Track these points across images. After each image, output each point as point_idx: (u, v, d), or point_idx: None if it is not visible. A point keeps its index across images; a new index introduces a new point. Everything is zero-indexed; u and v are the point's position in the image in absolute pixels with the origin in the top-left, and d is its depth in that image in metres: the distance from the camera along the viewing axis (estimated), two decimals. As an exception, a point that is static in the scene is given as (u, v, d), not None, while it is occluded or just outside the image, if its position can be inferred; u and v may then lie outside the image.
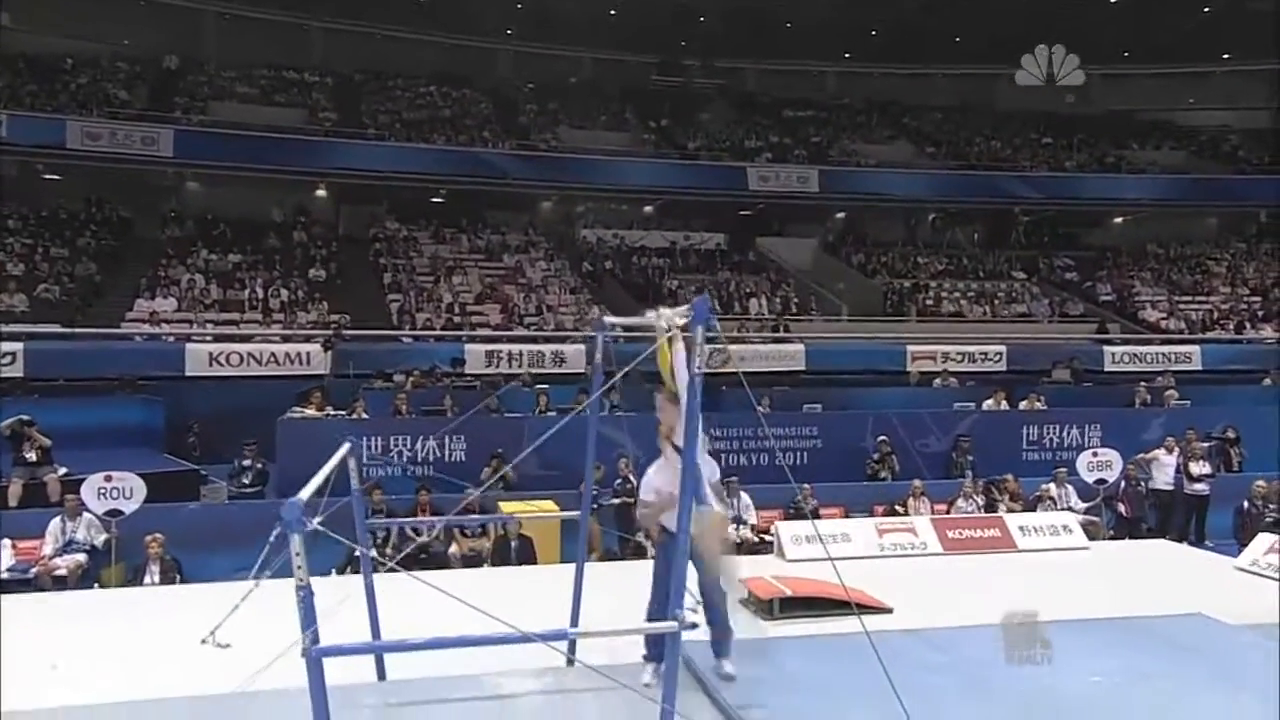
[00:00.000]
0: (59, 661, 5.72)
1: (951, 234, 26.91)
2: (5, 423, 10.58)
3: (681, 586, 3.45)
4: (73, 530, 9.23)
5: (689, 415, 3.49)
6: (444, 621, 5.74)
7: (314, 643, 3.18)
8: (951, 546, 8.45)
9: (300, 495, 3.35)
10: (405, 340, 16.11)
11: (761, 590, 6.72)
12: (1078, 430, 13.08)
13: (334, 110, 24.13)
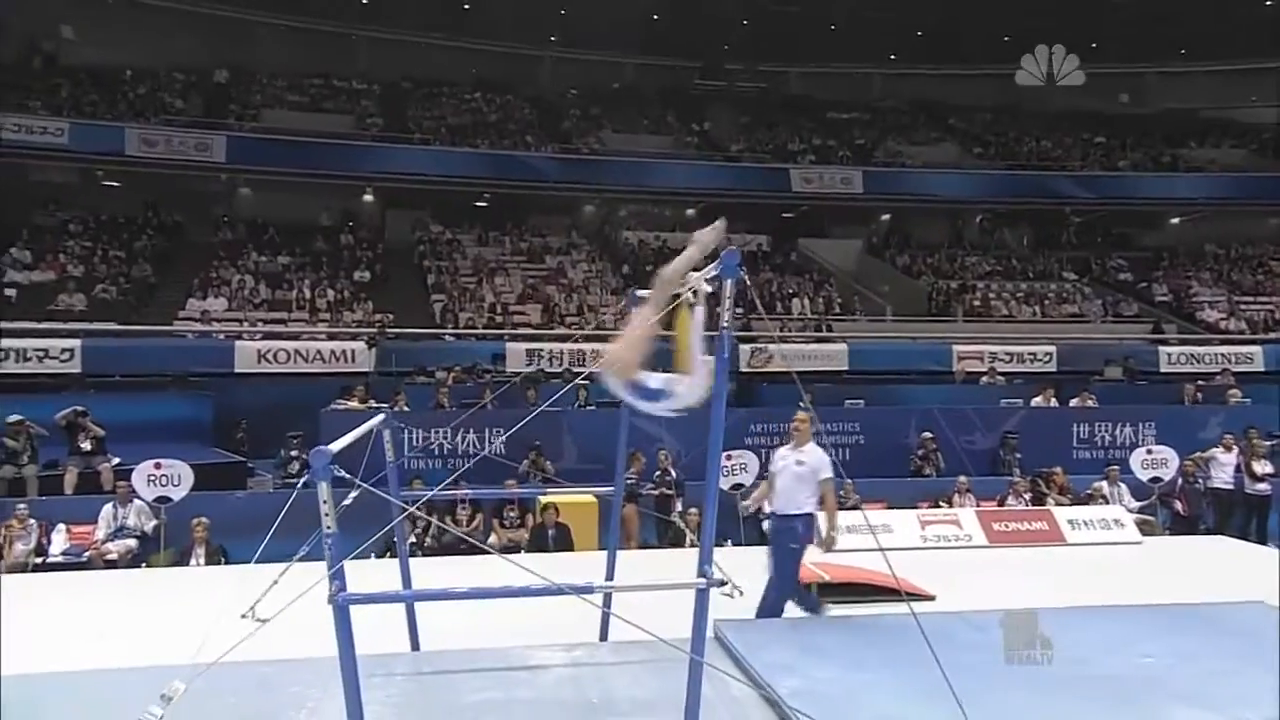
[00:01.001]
0: (106, 630, 5.86)
1: (999, 235, 26.42)
2: (61, 414, 10.91)
3: (710, 543, 3.40)
4: (124, 516, 9.49)
5: (716, 373, 3.42)
6: (480, 612, 5.76)
7: (340, 590, 3.20)
8: (997, 539, 8.26)
9: (330, 447, 3.38)
10: (447, 338, 16.28)
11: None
12: (1130, 428, 12.71)
13: (381, 116, 24.56)
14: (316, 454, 3.24)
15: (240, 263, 18.96)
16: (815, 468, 5.90)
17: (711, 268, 3.45)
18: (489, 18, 25.72)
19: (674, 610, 3.61)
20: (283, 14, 25.62)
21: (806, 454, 5.97)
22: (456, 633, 5.28)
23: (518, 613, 5.61)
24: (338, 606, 3.19)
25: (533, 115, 26.28)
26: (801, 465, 5.92)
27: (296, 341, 15.10)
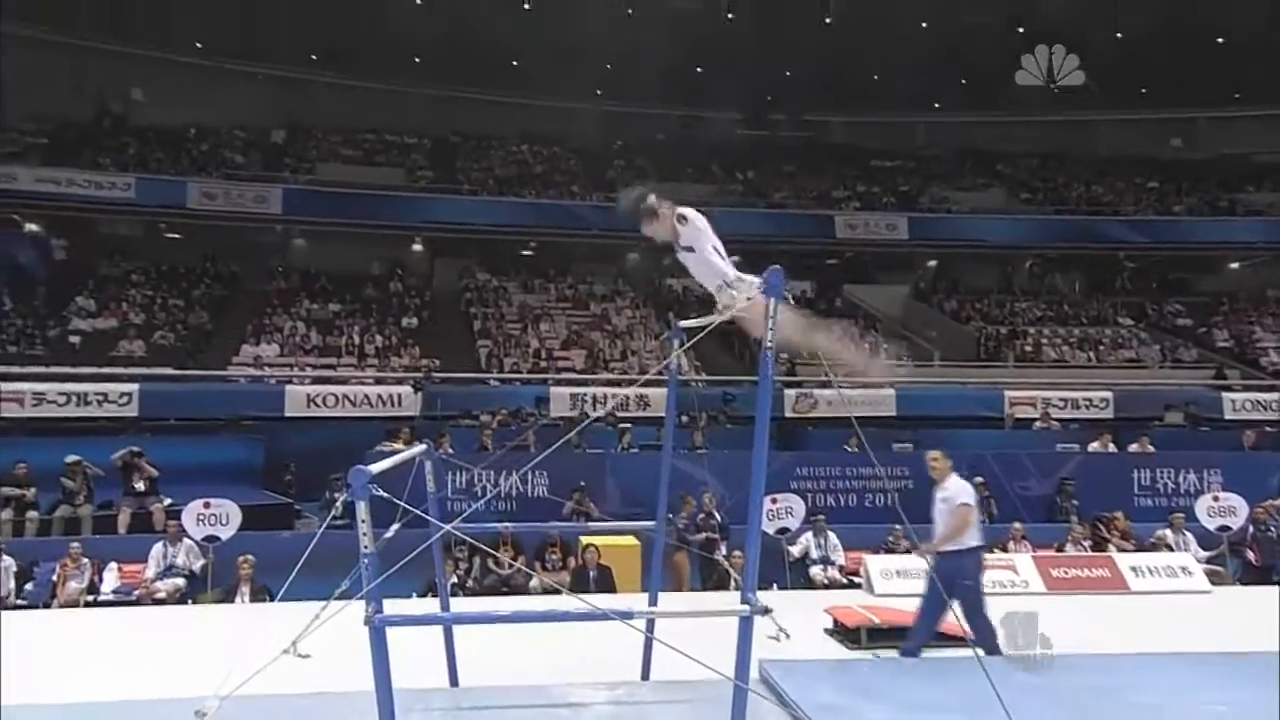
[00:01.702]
0: (143, 663, 5.88)
1: (1051, 280, 25.97)
2: (117, 454, 11.16)
3: (754, 570, 3.29)
4: (173, 555, 9.59)
5: (761, 389, 3.35)
6: (520, 649, 5.67)
7: (377, 611, 3.16)
8: (1056, 586, 7.93)
9: (370, 468, 3.37)
10: (492, 383, 16.40)
11: (848, 619, 6.42)
12: (1194, 475, 12.21)
13: (430, 169, 25.20)
14: (356, 473, 3.22)
15: (293, 310, 19.43)
16: (953, 498, 5.95)
17: (756, 285, 3.40)
18: (536, 73, 26.33)
19: (717, 649, 3.50)
20: (338, 74, 26.60)
21: (949, 488, 6.03)
22: (495, 669, 5.20)
23: (558, 649, 5.50)
24: (374, 629, 3.14)
25: (578, 166, 26.73)
26: (945, 502, 5.98)
27: (345, 386, 15.35)
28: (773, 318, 3.23)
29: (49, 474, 10.93)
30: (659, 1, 22.10)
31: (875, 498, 11.71)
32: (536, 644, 5.67)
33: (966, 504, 5.87)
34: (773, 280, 3.25)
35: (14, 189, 20.25)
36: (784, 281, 3.25)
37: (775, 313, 3.24)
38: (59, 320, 17.81)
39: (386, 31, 23.25)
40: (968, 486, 6.04)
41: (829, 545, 10.43)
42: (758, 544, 3.32)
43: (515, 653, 5.65)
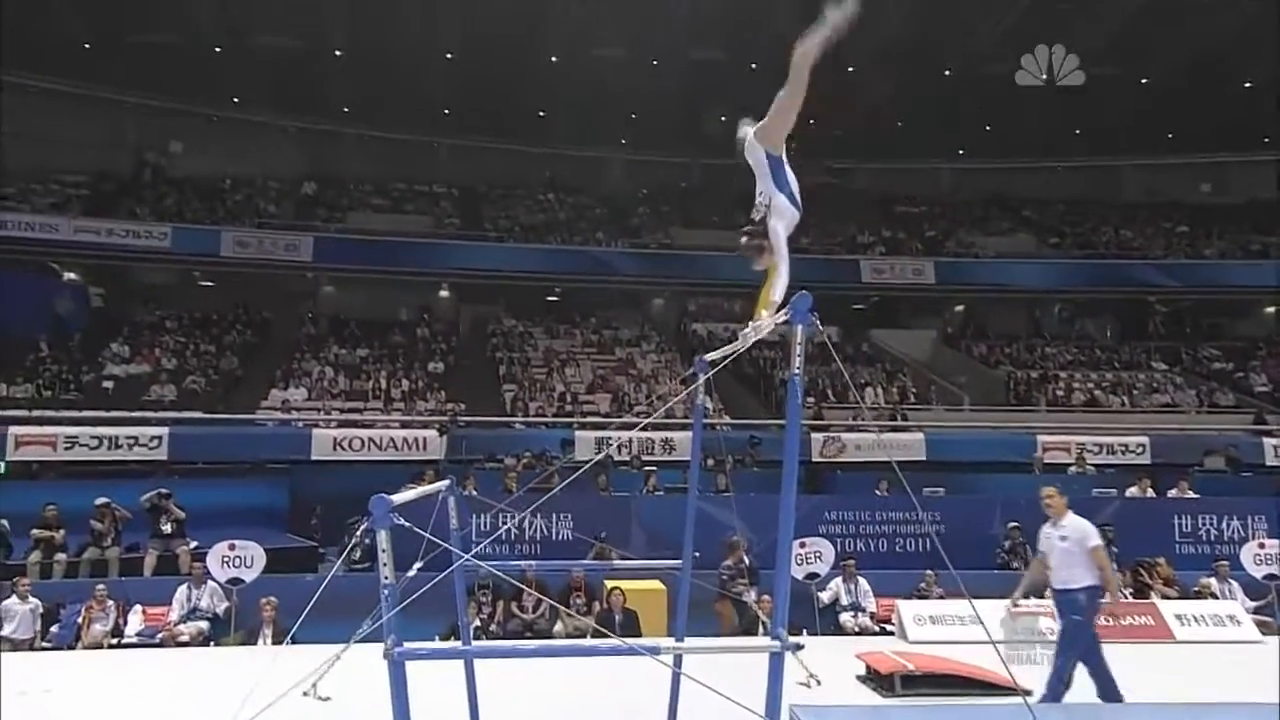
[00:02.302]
0: (175, 701, 5.82)
1: (1081, 325, 25.66)
2: (145, 496, 11.21)
3: (784, 605, 3.17)
4: (197, 597, 9.57)
5: (790, 413, 3.27)
6: (544, 692, 5.53)
7: (397, 645, 3.07)
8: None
9: (392, 497, 3.32)
10: (517, 426, 16.38)
11: (882, 665, 6.21)
12: (1238, 521, 11.83)
13: (458, 217, 25.59)
14: (377, 501, 3.18)
15: (321, 355, 19.62)
16: (1080, 539, 5.89)
17: (782, 313, 3.35)
18: (562, 124, 26.80)
19: (747, 692, 3.36)
20: (369, 126, 27.21)
21: (1068, 527, 5.98)
22: (519, 713, 5.06)
23: (582, 692, 5.36)
24: (393, 662, 3.05)
25: (603, 213, 27.00)
26: (1065, 540, 5.92)
27: (371, 430, 15.40)
28: (801, 344, 3.17)
29: (79, 516, 10.99)
30: (682, 52, 22.44)
31: (906, 543, 11.45)
32: (561, 687, 5.54)
33: (1098, 546, 5.85)
34: (799, 306, 3.20)
35: (55, 239, 20.82)
36: (811, 307, 3.19)
37: (803, 340, 3.18)
38: (94, 365, 18.10)
39: (416, 85, 23.80)
40: (1091, 526, 5.98)
41: (859, 591, 10.20)
42: (788, 576, 3.21)
43: (539, 696, 5.52)
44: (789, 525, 3.19)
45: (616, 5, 20.11)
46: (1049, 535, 6.03)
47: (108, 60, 21.96)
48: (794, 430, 3.22)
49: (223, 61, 22.65)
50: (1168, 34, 21.54)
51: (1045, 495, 6.17)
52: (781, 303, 3.74)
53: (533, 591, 9.93)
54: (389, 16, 20.44)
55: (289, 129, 26.51)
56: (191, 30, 20.98)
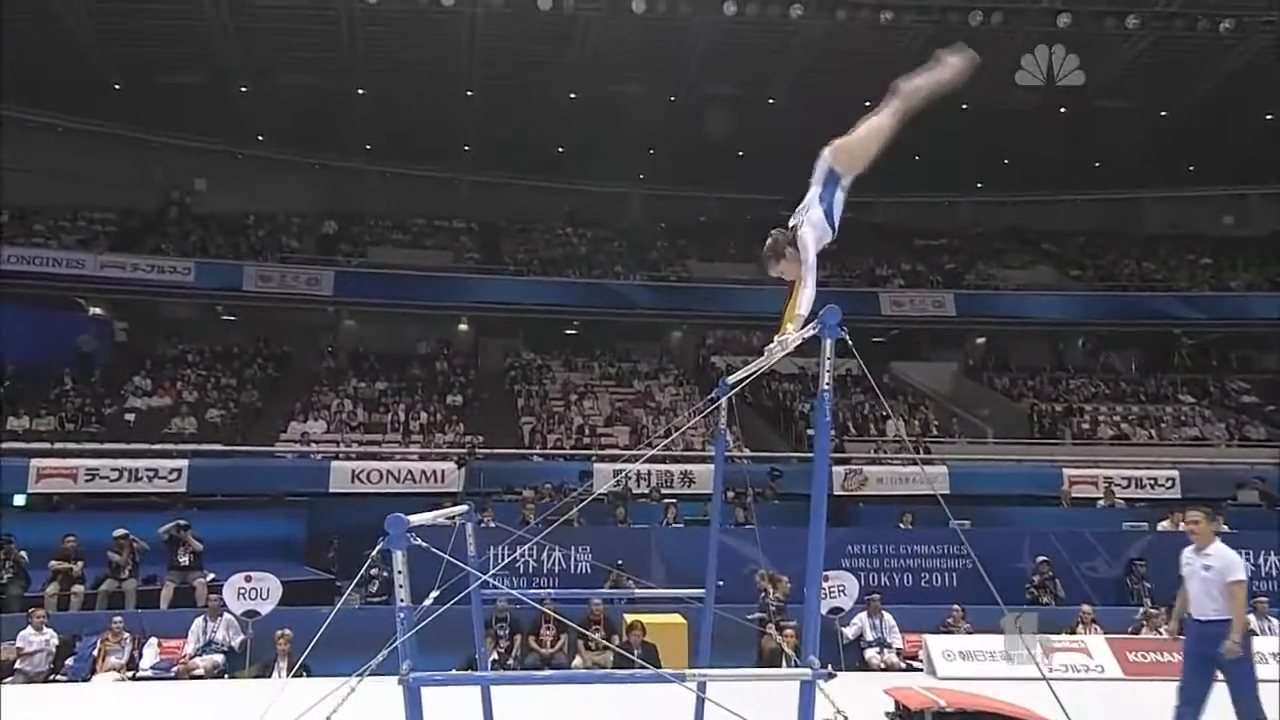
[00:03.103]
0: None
1: (1105, 357, 25.36)
2: (164, 528, 11.19)
3: (815, 631, 3.05)
4: (213, 630, 9.49)
5: (820, 430, 3.17)
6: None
7: (412, 670, 2.98)
8: (1134, 671, 7.41)
9: (409, 517, 3.25)
10: (535, 459, 16.30)
11: (912, 701, 6.01)
12: (1276, 557, 11.51)
13: (477, 251, 25.77)
14: (393, 520, 3.10)
15: (340, 389, 19.68)
16: (1223, 570, 5.59)
17: (810, 327, 3.27)
18: (581, 159, 27.03)
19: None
20: (390, 163, 27.56)
21: (1213, 555, 5.68)
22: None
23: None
24: (408, 688, 2.96)
25: (622, 247, 27.11)
26: (1209, 570, 5.63)
27: (389, 462, 15.37)
28: (830, 357, 3.08)
29: (97, 548, 10.97)
30: (701, 88, 22.63)
31: (932, 577, 11.21)
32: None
33: (1240, 581, 5.56)
34: (828, 319, 3.12)
35: (82, 274, 21.13)
36: (840, 320, 3.11)
37: (832, 354, 3.10)
38: (116, 398, 18.23)
39: (436, 122, 24.11)
40: (1238, 559, 5.67)
41: (884, 626, 9.96)
42: (818, 602, 3.09)
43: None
44: (819, 549, 3.08)
45: (635, 42, 20.34)
46: (1191, 562, 5.74)
47: (137, 100, 22.42)
48: (823, 448, 3.13)
49: (247, 101, 23.07)
50: (1187, 66, 21.51)
51: (1190, 520, 5.87)
52: (808, 316, 3.66)
53: (551, 625, 9.79)
54: (409, 56, 20.77)
55: (311, 166, 26.89)
56: (218, 71, 21.40)
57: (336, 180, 27.19)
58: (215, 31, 19.39)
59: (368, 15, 18.83)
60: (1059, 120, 24.14)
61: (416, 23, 19.27)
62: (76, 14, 18.58)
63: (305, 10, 18.65)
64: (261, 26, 19.45)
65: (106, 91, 21.89)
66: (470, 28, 19.58)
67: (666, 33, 20.10)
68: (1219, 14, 19.29)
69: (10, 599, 10.24)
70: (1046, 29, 20.01)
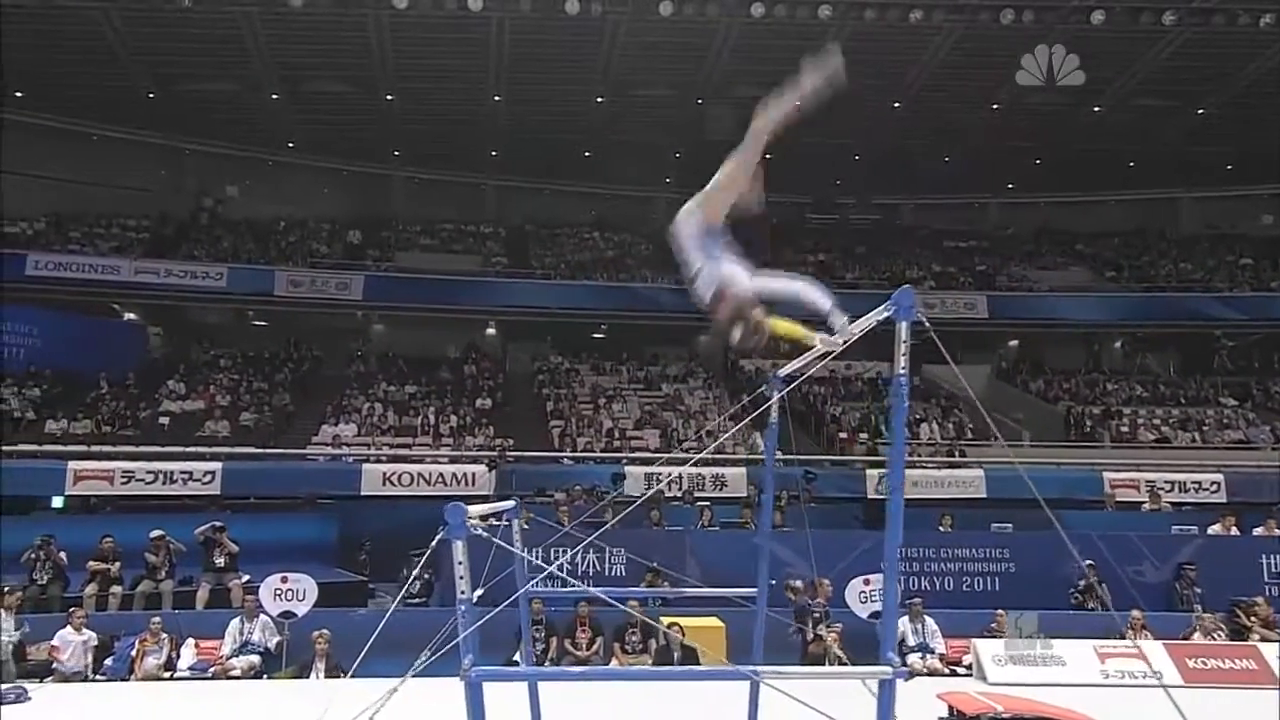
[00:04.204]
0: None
1: (1143, 359, 24.89)
2: (200, 529, 11.21)
3: (894, 626, 2.91)
4: (249, 631, 9.46)
5: (896, 418, 3.04)
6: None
7: (474, 664, 2.88)
8: (1193, 678, 7.17)
9: (468, 507, 3.15)
10: (565, 462, 16.22)
11: (967, 706, 5.83)
12: (1337, 564, 11.16)
13: (505, 256, 25.78)
14: (453, 510, 3.01)
15: (370, 392, 19.72)
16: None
17: (883, 308, 3.15)
18: (607, 163, 27.01)
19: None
20: (419, 168, 27.68)
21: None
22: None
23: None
24: (470, 683, 2.85)
25: (649, 251, 26.99)
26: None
27: (420, 465, 15.35)
28: (906, 340, 2.96)
29: (133, 550, 11.03)
30: (726, 90, 22.49)
31: (974, 581, 10.97)
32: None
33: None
34: (903, 301, 2.99)
35: (116, 279, 21.38)
36: (913, 302, 2.98)
37: (908, 336, 2.97)
38: (151, 402, 18.38)
39: (464, 128, 24.17)
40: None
41: (927, 631, 9.74)
42: (896, 597, 2.95)
43: None
44: (896, 539, 2.94)
45: (662, 45, 20.27)
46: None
47: (169, 108, 22.68)
48: (899, 435, 2.99)
49: (278, 108, 23.27)
50: (1223, 62, 21.08)
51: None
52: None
53: (587, 628, 9.68)
54: (437, 62, 20.84)
55: (341, 172, 27.06)
56: (249, 79, 21.60)
57: (365, 185, 27.35)
58: (246, 40, 19.57)
59: (396, 22, 18.90)
60: (1092, 119, 23.81)
61: (444, 29, 19.30)
62: (111, 24, 18.81)
63: (334, 17, 18.73)
64: (292, 34, 19.61)
65: (140, 99, 22.16)
66: (497, 32, 19.61)
67: (693, 35, 19.99)
68: (1259, 9, 18.86)
69: (50, 599, 10.29)
70: (1080, 27, 19.74)
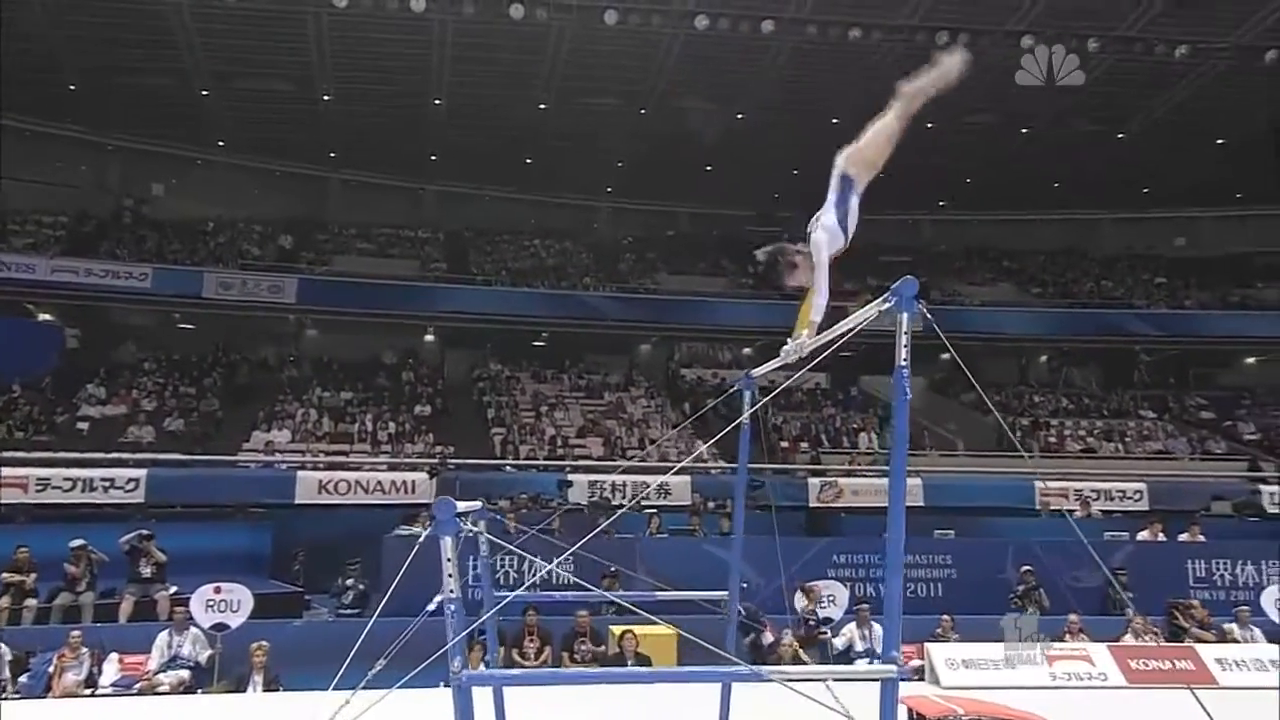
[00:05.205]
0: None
1: (1068, 373, 25.82)
2: (125, 537, 10.68)
3: (897, 627, 2.87)
4: (179, 644, 9.03)
5: (898, 413, 3.01)
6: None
7: (463, 668, 2.73)
8: (1137, 679, 7.36)
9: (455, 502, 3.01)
10: (508, 469, 15.98)
11: (928, 710, 5.85)
12: (1253, 567, 11.66)
13: (444, 261, 25.37)
14: (441, 504, 2.86)
15: (305, 398, 19.15)
16: None
17: (883, 299, 3.12)
18: (549, 171, 26.85)
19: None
20: (356, 170, 27.05)
21: None
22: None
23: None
24: (459, 689, 2.71)
25: (590, 260, 26.92)
26: None
27: (358, 472, 14.93)
28: (907, 333, 2.93)
29: (51, 561, 10.43)
30: (670, 100, 22.60)
31: (918, 587, 11.12)
32: None
33: None
34: (904, 291, 2.97)
35: (30, 278, 20.32)
36: (916, 293, 2.97)
37: (909, 327, 2.95)
38: (68, 407, 17.48)
39: (403, 130, 23.73)
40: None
41: (874, 637, 9.82)
42: (900, 593, 2.91)
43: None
44: (900, 537, 2.90)
45: (606, 54, 20.23)
46: None
47: (92, 102, 21.71)
48: (902, 429, 2.97)
49: (208, 105, 22.48)
50: (1143, 90, 22.04)
51: None
52: (821, 322, 3.72)
53: (535, 637, 9.50)
54: (377, 63, 20.39)
55: (274, 172, 26.29)
56: (178, 74, 20.80)
57: (299, 187, 26.63)
58: (176, 33, 18.83)
59: (335, 20, 18.44)
60: (1020, 140, 24.63)
61: (385, 29, 18.87)
62: (31, 13, 17.89)
63: (270, 12, 18.18)
64: (225, 28, 18.89)
65: (60, 91, 21.14)
66: (440, 35, 19.30)
67: (638, 45, 20.00)
68: (1175, 40, 19.73)
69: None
70: (1011, 50, 20.40)
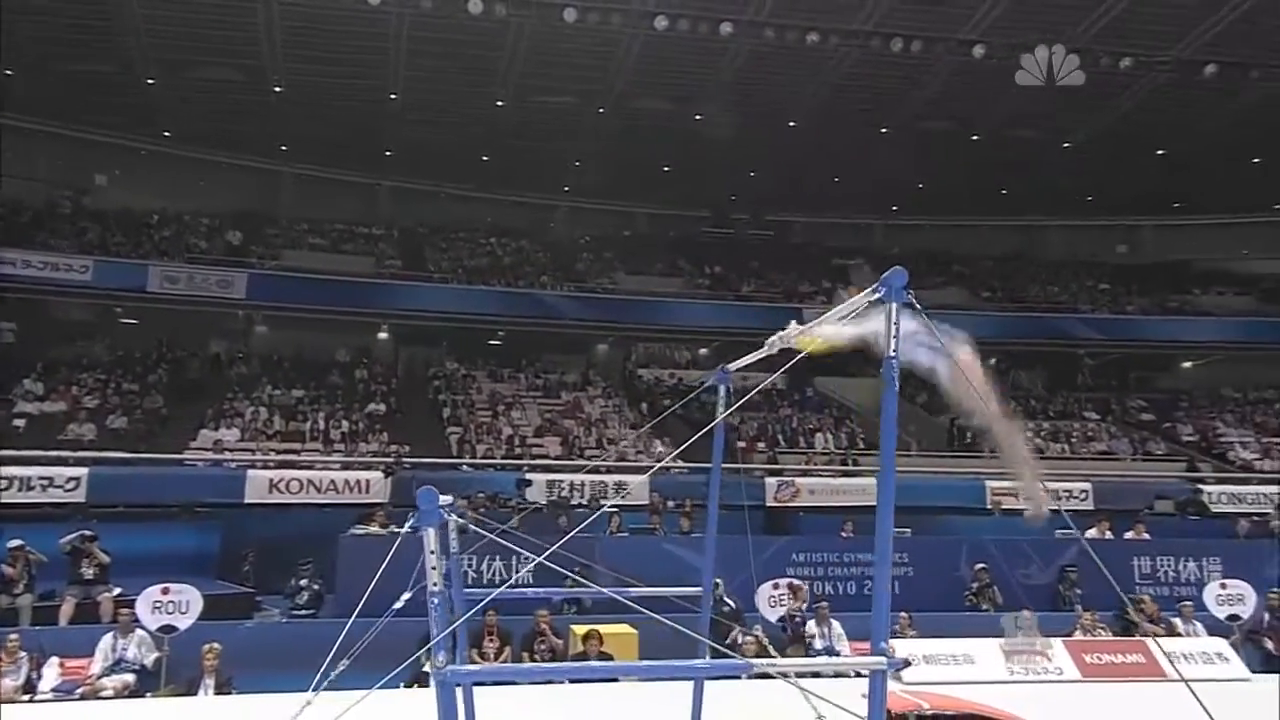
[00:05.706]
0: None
1: (1014, 375, 26.40)
2: (66, 538, 10.30)
3: (885, 618, 2.87)
4: (124, 648, 8.71)
5: (886, 402, 3.01)
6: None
7: (449, 663, 2.65)
8: (1091, 673, 7.52)
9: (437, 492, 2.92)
10: (465, 469, 15.77)
11: (893, 704, 5.87)
12: (1194, 564, 12.04)
13: (399, 259, 24.97)
14: (424, 494, 2.78)
15: (254, 395, 18.67)
16: None
17: (872, 289, 3.12)
18: (505, 169, 26.64)
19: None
20: (308, 164, 26.51)
21: None
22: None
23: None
24: (444, 685, 2.63)
25: (547, 259, 26.75)
26: None
27: (310, 471, 14.60)
28: (896, 324, 2.93)
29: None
30: (630, 102, 22.58)
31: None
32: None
33: None
34: (893, 282, 2.97)
35: (-40, 269, 19.46)
36: (906, 283, 2.97)
37: (897, 317, 2.95)
38: (3, 404, 16.80)
39: (358, 124, 23.32)
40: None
41: (833, 634, 9.91)
42: (888, 584, 2.91)
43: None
44: (888, 527, 2.89)
45: (565, 52, 20.13)
46: None
47: (30, 89, 20.90)
48: (890, 413, 2.96)
49: (154, 94, 21.83)
50: (1087, 101, 22.60)
51: None
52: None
53: (495, 637, 9.38)
54: (331, 55, 20.00)
55: (222, 165, 25.62)
56: (122, 61, 20.15)
57: (249, 180, 26.03)
58: (121, 18, 18.24)
59: (286, 8, 18.04)
60: (970, 148, 25.12)
61: (340, 20, 18.53)
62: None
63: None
64: (172, 15, 18.35)
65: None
66: (396, 28, 19.02)
67: (597, 44, 19.95)
68: (1120, 52, 20.28)
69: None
70: (963, 59, 20.81)
